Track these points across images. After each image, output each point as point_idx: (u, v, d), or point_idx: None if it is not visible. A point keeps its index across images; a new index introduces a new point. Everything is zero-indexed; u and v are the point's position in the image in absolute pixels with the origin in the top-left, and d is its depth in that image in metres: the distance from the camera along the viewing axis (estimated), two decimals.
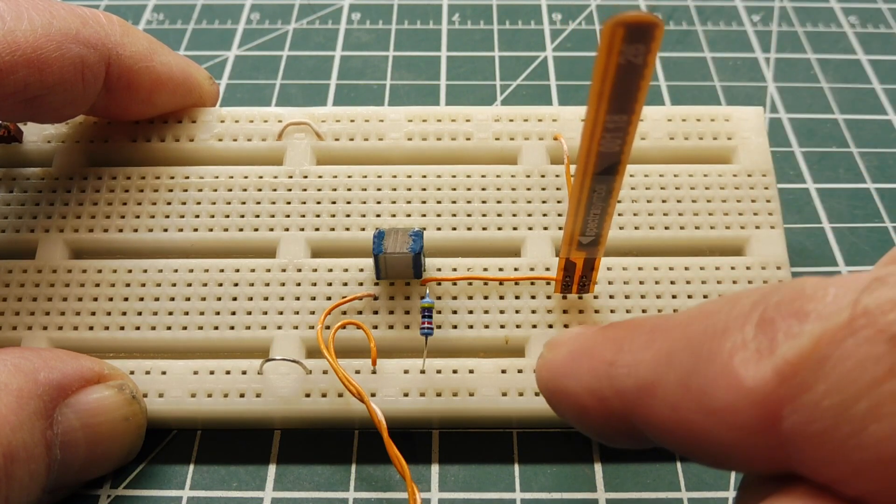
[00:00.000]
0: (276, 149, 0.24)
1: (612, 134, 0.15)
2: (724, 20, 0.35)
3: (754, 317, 0.12)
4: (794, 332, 0.11)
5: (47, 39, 0.20)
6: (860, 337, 0.10)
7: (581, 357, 0.15)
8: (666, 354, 0.13)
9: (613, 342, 0.14)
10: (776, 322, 0.11)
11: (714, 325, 0.12)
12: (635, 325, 0.15)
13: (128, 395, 0.20)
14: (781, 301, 0.11)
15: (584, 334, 0.16)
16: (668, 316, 0.14)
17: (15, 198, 0.24)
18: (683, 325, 0.13)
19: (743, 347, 0.11)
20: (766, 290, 0.12)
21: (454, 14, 0.35)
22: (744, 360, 0.11)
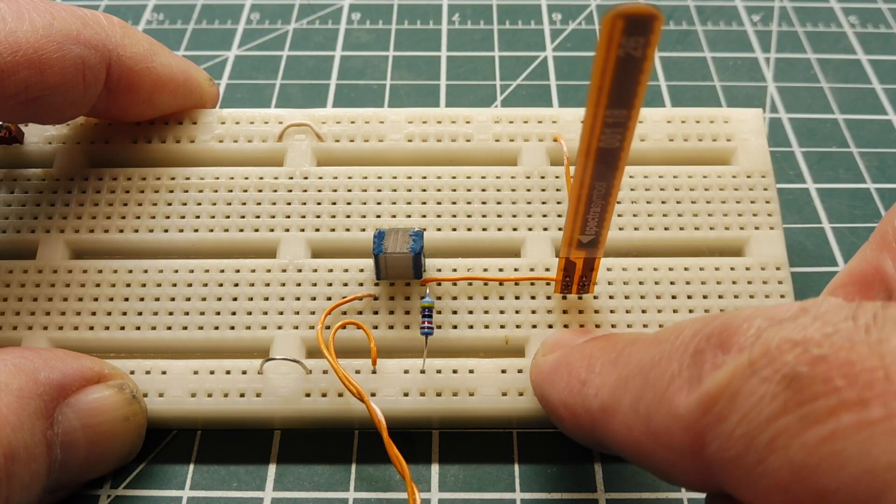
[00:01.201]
0: (277, 150, 0.24)
1: (612, 129, 0.15)
2: (724, 20, 0.35)
3: (691, 347, 0.13)
4: (717, 363, 0.12)
5: (48, 40, 0.20)
6: (761, 375, 0.11)
7: (562, 370, 0.17)
8: (624, 379, 0.14)
9: (589, 360, 0.16)
10: (706, 353, 0.12)
11: (661, 353, 0.13)
12: (609, 344, 0.16)
13: (128, 395, 0.20)
14: (713, 333, 0.12)
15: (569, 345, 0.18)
16: (636, 338, 0.15)
17: (16, 198, 0.24)
18: (640, 352, 0.14)
19: (679, 376, 0.12)
20: (707, 320, 0.13)
21: (454, 14, 0.35)
22: (678, 389, 0.12)
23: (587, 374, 0.16)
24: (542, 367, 0.18)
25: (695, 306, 0.22)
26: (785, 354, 0.11)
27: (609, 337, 0.17)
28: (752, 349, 0.11)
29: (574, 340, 0.18)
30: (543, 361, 0.18)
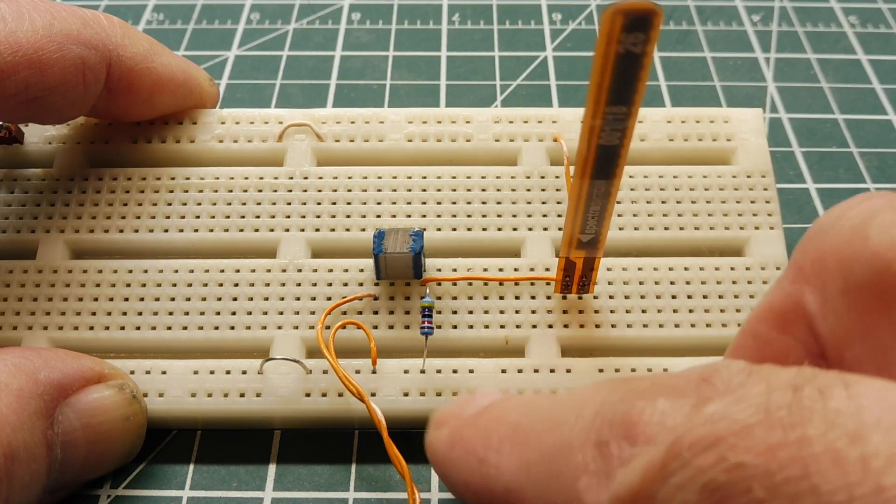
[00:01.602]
0: (277, 150, 0.24)
1: (612, 126, 0.15)
2: (724, 20, 0.35)
3: (593, 434, 0.12)
4: (625, 457, 0.11)
5: (48, 40, 0.20)
6: (677, 482, 0.10)
7: (457, 448, 0.15)
8: (525, 464, 0.13)
9: (484, 434, 0.15)
10: (611, 444, 0.11)
11: (561, 439, 0.12)
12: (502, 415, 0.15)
13: (128, 395, 0.20)
14: (615, 420, 0.11)
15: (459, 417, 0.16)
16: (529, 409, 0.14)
17: (16, 198, 0.24)
18: (538, 432, 0.13)
19: (585, 470, 0.12)
20: (605, 396, 0.12)
21: (454, 14, 0.35)
22: (586, 486, 0.11)
23: (485, 452, 0.14)
24: (437, 444, 0.16)
25: (695, 306, 0.22)
26: (698, 458, 0.10)
27: (501, 404, 0.15)
28: (660, 444, 0.10)
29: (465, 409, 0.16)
30: (437, 437, 0.16)
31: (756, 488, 0.09)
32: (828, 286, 0.13)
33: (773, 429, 0.09)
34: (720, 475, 0.09)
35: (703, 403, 0.10)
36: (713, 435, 0.10)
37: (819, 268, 0.13)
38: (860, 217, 0.13)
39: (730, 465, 0.09)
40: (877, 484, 0.08)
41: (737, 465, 0.09)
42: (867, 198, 0.13)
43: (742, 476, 0.09)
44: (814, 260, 0.14)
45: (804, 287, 0.14)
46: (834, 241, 0.13)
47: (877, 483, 0.08)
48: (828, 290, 0.13)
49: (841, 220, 0.13)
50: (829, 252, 0.13)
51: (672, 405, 0.11)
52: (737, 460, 0.09)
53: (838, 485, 0.09)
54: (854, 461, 0.09)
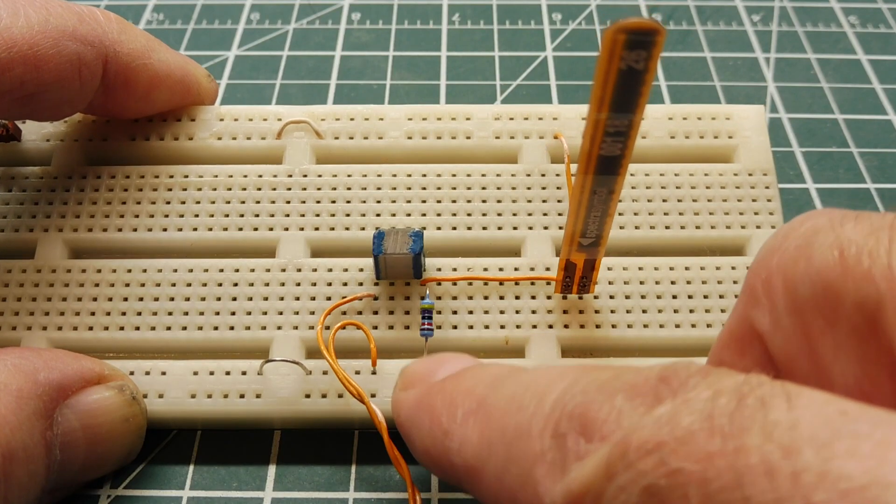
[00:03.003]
0: (276, 147, 0.24)
1: (613, 138, 0.15)
2: (724, 20, 0.35)
3: (552, 424, 0.12)
4: (581, 453, 0.11)
5: (44, 36, 0.19)
6: (621, 482, 0.10)
7: (423, 413, 0.16)
8: (487, 442, 0.13)
9: (450, 406, 0.15)
10: (567, 438, 0.12)
11: (521, 424, 0.13)
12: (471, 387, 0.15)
13: (128, 396, 0.19)
14: (574, 413, 0.12)
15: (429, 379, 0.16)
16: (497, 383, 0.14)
17: (14, 197, 0.23)
18: (501, 412, 0.13)
19: (542, 459, 0.12)
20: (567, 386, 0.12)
21: (454, 14, 0.35)
22: (544, 475, 0.12)
23: (449, 423, 0.15)
24: (403, 405, 0.17)
25: (695, 306, 0.22)
26: (642, 461, 0.10)
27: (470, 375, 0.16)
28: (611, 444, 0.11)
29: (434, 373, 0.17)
30: (404, 398, 0.17)
31: (692, 495, 0.09)
32: (776, 306, 0.14)
33: (713, 437, 0.10)
34: (660, 479, 0.10)
35: (655, 404, 0.11)
36: (657, 438, 0.10)
37: (768, 289, 0.14)
38: (804, 237, 0.13)
39: (669, 469, 0.10)
40: (806, 499, 0.08)
41: (676, 470, 0.10)
42: (810, 217, 0.14)
43: (680, 482, 0.09)
44: (763, 281, 0.14)
45: (756, 309, 0.14)
46: (780, 262, 0.13)
47: (806, 499, 0.08)
48: (776, 310, 0.14)
49: (787, 240, 0.14)
50: (776, 273, 0.13)
51: (629, 404, 0.11)
52: (676, 466, 0.10)
53: (769, 498, 0.09)
54: (786, 475, 0.09)
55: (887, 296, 0.11)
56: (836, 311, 0.12)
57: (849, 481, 0.08)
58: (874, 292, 0.11)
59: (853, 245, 0.12)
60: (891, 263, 0.11)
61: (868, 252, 0.12)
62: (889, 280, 0.11)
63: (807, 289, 0.13)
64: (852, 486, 0.08)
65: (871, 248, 0.12)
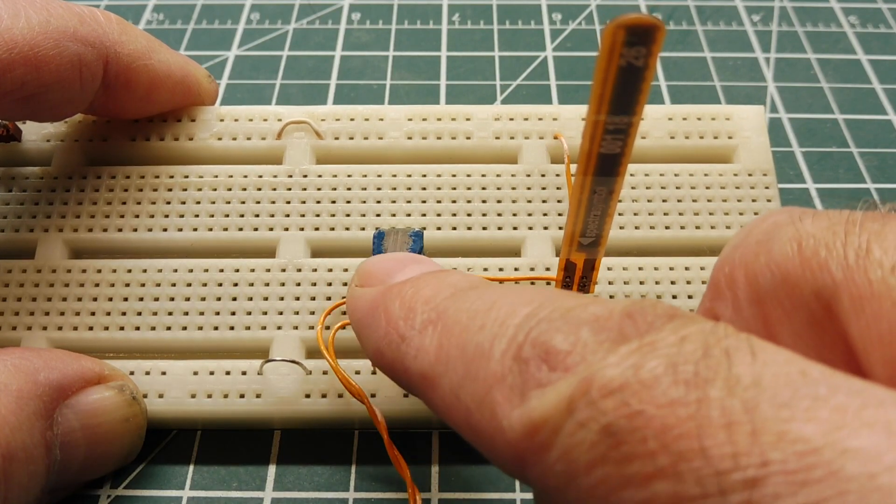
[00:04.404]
0: (276, 148, 0.24)
1: (613, 136, 0.15)
2: (724, 20, 0.35)
3: (513, 347, 0.12)
4: (542, 381, 0.11)
5: (45, 37, 0.19)
6: (580, 417, 0.10)
7: (379, 314, 0.15)
8: (445, 355, 0.13)
9: (408, 311, 0.15)
10: (530, 364, 0.11)
11: (482, 343, 0.12)
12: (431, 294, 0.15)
13: (128, 396, 0.19)
14: (538, 339, 0.12)
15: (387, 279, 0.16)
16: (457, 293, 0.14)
17: (14, 197, 0.23)
18: (462, 327, 0.13)
19: (501, 381, 0.12)
20: (532, 311, 0.12)
21: (454, 14, 0.35)
22: (501, 398, 0.12)
23: (406, 329, 0.14)
24: (359, 303, 0.16)
25: (695, 306, 0.22)
26: (604, 400, 0.10)
27: (431, 280, 0.15)
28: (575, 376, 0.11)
29: (392, 273, 0.16)
30: (361, 296, 0.16)
31: (650, 439, 0.09)
32: (738, 298, 0.14)
33: (676, 384, 0.10)
34: (620, 420, 0.10)
35: (620, 341, 0.11)
36: (621, 379, 0.10)
37: (730, 282, 0.14)
38: (765, 232, 0.14)
39: (630, 411, 0.10)
40: (762, 457, 0.09)
41: (637, 412, 0.10)
42: (773, 214, 0.14)
43: (639, 425, 0.10)
44: (726, 275, 0.14)
45: (720, 302, 0.14)
46: (742, 256, 0.14)
47: (763, 456, 0.09)
48: (738, 301, 0.14)
49: (749, 236, 0.14)
50: (739, 266, 0.14)
51: (594, 337, 0.11)
52: (638, 408, 0.10)
53: (726, 451, 0.09)
54: (745, 432, 0.09)
55: (842, 285, 0.12)
56: (795, 300, 0.13)
57: (805, 443, 0.08)
58: (830, 281, 0.12)
59: (811, 238, 0.13)
60: (846, 254, 0.12)
61: (825, 244, 0.12)
62: (844, 269, 0.12)
63: (767, 280, 0.13)
64: (808, 449, 0.08)
65: (828, 241, 0.12)
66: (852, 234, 0.12)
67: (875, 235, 0.12)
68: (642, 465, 0.09)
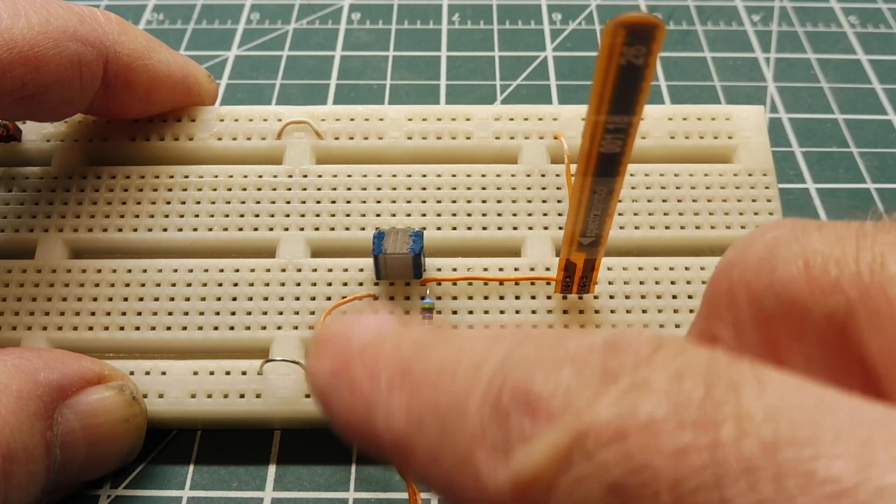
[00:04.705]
0: (276, 148, 0.24)
1: (613, 135, 0.15)
2: (724, 20, 0.35)
3: (490, 397, 0.11)
4: (526, 433, 0.10)
5: (45, 37, 0.19)
6: (578, 473, 0.09)
7: (341, 382, 0.14)
8: (417, 417, 0.12)
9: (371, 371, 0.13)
10: (510, 417, 0.10)
11: (455, 397, 0.11)
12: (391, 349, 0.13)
13: (128, 396, 0.19)
14: (516, 388, 0.10)
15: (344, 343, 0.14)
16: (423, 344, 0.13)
17: (14, 197, 0.23)
18: (432, 383, 0.12)
19: (483, 439, 0.11)
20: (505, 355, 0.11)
21: (454, 14, 0.35)
22: (485, 457, 0.10)
23: (372, 393, 0.13)
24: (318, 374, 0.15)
25: (695, 306, 0.22)
26: (603, 451, 0.09)
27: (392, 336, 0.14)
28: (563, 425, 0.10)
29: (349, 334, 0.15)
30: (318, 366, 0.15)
31: (664, 494, 0.08)
32: (740, 320, 0.13)
33: (683, 428, 0.09)
34: (626, 477, 0.09)
35: (608, 380, 0.10)
36: (618, 427, 0.09)
37: (730, 302, 0.13)
38: (766, 249, 0.13)
39: (636, 466, 0.09)
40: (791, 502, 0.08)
41: (643, 466, 0.09)
42: (773, 227, 0.13)
43: (649, 479, 0.09)
44: (725, 294, 0.13)
45: (718, 323, 0.14)
46: (742, 275, 0.13)
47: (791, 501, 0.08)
48: (740, 323, 0.13)
49: (748, 252, 0.13)
50: (739, 286, 0.13)
51: (577, 379, 0.10)
52: (643, 462, 0.09)
53: (751, 500, 0.08)
54: (768, 477, 0.08)
55: (858, 304, 0.11)
56: (804, 322, 0.12)
57: (836, 484, 0.08)
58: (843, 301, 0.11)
59: (818, 255, 0.12)
60: (860, 271, 0.11)
61: (835, 261, 0.11)
62: (859, 287, 0.11)
63: (772, 302, 0.12)
64: (840, 490, 0.08)
65: (838, 258, 0.11)
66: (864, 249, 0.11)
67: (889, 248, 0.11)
68: None
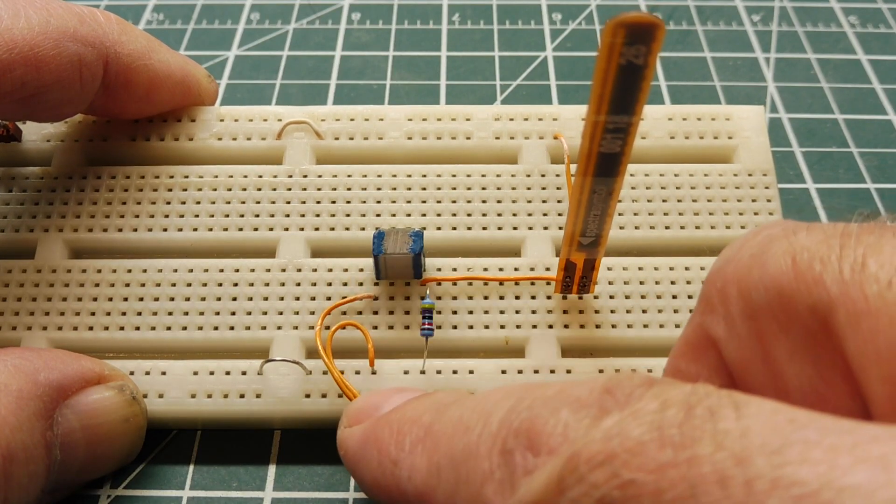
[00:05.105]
0: (276, 148, 0.24)
1: (613, 135, 0.15)
2: (724, 20, 0.35)
3: (499, 442, 0.12)
4: (529, 467, 0.11)
5: (45, 37, 0.20)
6: (572, 495, 0.10)
7: (370, 447, 0.16)
8: (436, 467, 0.13)
9: (397, 436, 0.15)
10: (515, 454, 0.11)
11: (469, 445, 0.13)
12: (416, 416, 0.15)
13: (128, 396, 0.19)
14: (520, 429, 0.12)
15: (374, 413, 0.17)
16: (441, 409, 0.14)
17: (14, 197, 0.23)
18: (448, 437, 0.13)
19: (491, 478, 0.12)
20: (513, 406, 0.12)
21: (454, 14, 0.35)
22: (492, 494, 0.12)
23: (397, 453, 0.15)
24: (350, 442, 0.17)
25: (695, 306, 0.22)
26: (593, 473, 0.10)
27: (415, 404, 0.16)
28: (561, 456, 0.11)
29: (378, 407, 0.17)
30: (350, 436, 0.17)
31: None
32: (732, 314, 0.14)
33: (664, 447, 0.10)
34: (613, 491, 0.10)
35: (602, 416, 0.11)
36: (608, 450, 0.10)
37: (723, 297, 0.14)
38: (759, 246, 0.13)
39: (622, 481, 0.10)
40: None
41: (629, 482, 0.10)
42: (767, 227, 0.14)
43: (634, 493, 0.09)
44: (718, 290, 0.14)
45: (711, 317, 0.14)
46: (735, 270, 0.14)
47: None
48: (732, 317, 0.14)
49: (742, 250, 0.14)
50: (731, 280, 0.14)
51: (574, 416, 0.11)
52: (629, 477, 0.10)
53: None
54: (739, 483, 0.09)
55: (838, 300, 0.11)
56: (790, 315, 0.12)
57: (802, 487, 0.08)
58: (825, 296, 0.12)
59: (805, 252, 0.12)
60: (841, 269, 0.12)
61: (820, 258, 0.12)
62: (840, 284, 0.12)
63: (761, 295, 0.13)
64: (805, 492, 0.08)
65: (823, 255, 0.12)
66: (847, 248, 0.12)
67: (871, 249, 0.12)
68: None
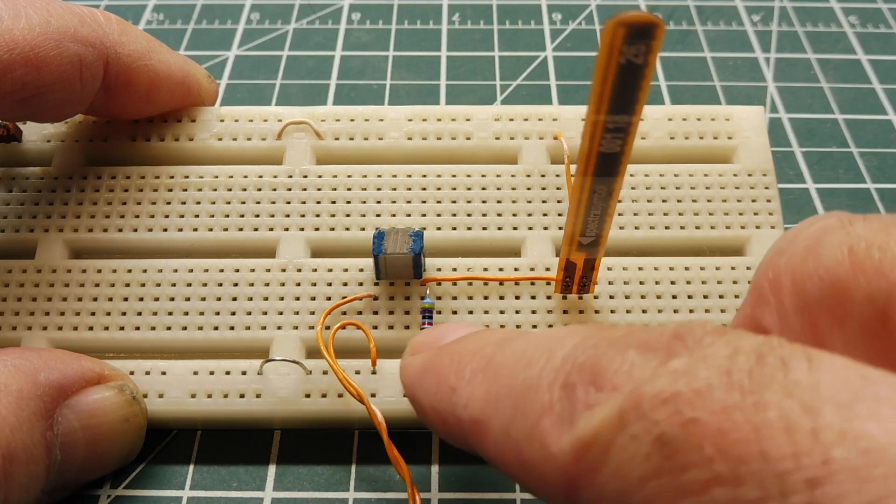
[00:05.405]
0: (276, 148, 0.24)
1: (613, 134, 0.15)
2: (724, 20, 0.35)
3: (561, 376, 0.12)
4: (590, 402, 0.11)
5: (45, 38, 0.20)
6: (632, 430, 0.10)
7: (430, 374, 0.16)
8: (494, 397, 0.13)
9: (458, 365, 0.15)
10: (577, 389, 0.11)
11: (530, 378, 0.12)
12: (479, 346, 0.15)
13: (128, 396, 0.19)
14: (585, 365, 0.12)
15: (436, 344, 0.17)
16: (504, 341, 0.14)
17: (14, 197, 0.24)
18: (509, 369, 0.13)
19: (550, 410, 0.12)
20: (579, 344, 0.12)
21: (454, 14, 0.35)
22: (551, 425, 0.11)
23: (456, 381, 0.15)
24: (410, 369, 0.17)
25: (695, 306, 0.22)
26: (656, 411, 0.10)
27: (477, 336, 0.16)
28: (623, 394, 0.10)
29: (442, 339, 0.17)
30: (411, 363, 0.17)
31: (706, 446, 0.09)
32: (784, 305, 0.14)
33: (731, 390, 0.09)
34: (674, 429, 0.10)
35: (670, 358, 0.11)
36: (673, 389, 0.10)
37: (776, 288, 0.14)
38: (813, 237, 0.13)
39: (684, 419, 0.09)
40: (824, 456, 0.08)
41: (691, 420, 0.09)
42: (820, 218, 0.14)
43: (694, 432, 0.09)
44: (771, 281, 0.14)
45: (763, 308, 0.14)
46: (788, 262, 0.14)
47: (824, 455, 0.08)
48: (784, 309, 0.14)
49: (795, 241, 0.14)
50: (785, 272, 0.14)
51: (641, 357, 0.11)
52: (691, 416, 0.09)
53: (786, 452, 0.09)
54: (805, 432, 0.09)
55: None
56: (846, 307, 0.12)
57: (869, 441, 0.08)
58: (885, 285, 0.12)
59: (863, 241, 0.12)
60: None
61: (878, 246, 0.12)
62: None
63: (815, 286, 0.13)
64: (873, 446, 0.08)
65: (882, 243, 0.12)
66: None
67: None
68: (699, 472, 0.09)
